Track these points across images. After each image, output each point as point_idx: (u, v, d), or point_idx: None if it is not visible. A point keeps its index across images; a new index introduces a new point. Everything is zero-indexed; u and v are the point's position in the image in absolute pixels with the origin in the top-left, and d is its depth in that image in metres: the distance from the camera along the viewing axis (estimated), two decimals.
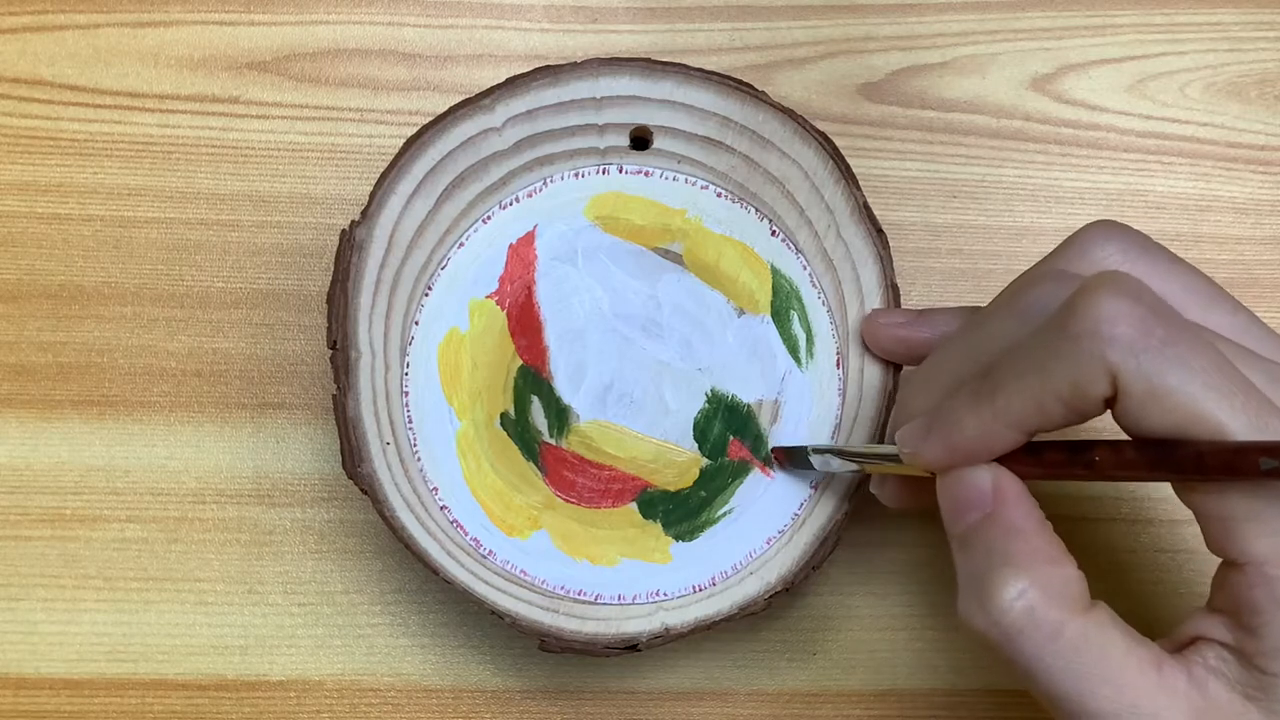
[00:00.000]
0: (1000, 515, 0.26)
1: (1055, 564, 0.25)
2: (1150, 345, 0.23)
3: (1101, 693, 0.24)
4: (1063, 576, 0.25)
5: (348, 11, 0.40)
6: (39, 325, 0.37)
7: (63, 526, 0.36)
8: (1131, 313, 0.23)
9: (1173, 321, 0.24)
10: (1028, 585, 0.24)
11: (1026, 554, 0.25)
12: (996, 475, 0.26)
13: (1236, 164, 0.40)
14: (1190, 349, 0.23)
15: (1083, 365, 0.23)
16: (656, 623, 0.32)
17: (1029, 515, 0.26)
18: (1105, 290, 0.24)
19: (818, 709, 0.36)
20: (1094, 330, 0.23)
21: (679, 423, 0.36)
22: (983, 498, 0.26)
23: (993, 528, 0.26)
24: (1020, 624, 0.24)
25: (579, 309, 0.36)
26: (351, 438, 0.31)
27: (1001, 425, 0.25)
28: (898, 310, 0.33)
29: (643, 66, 0.35)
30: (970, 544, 0.26)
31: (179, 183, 0.38)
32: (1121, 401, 0.23)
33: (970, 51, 0.41)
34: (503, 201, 0.36)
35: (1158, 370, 0.23)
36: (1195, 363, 0.23)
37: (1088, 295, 0.24)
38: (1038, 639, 0.24)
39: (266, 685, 0.35)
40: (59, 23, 0.39)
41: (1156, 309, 0.23)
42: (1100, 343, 0.23)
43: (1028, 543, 0.25)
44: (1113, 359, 0.23)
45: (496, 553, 0.33)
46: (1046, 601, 0.24)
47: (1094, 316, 0.23)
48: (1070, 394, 0.24)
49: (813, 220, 0.35)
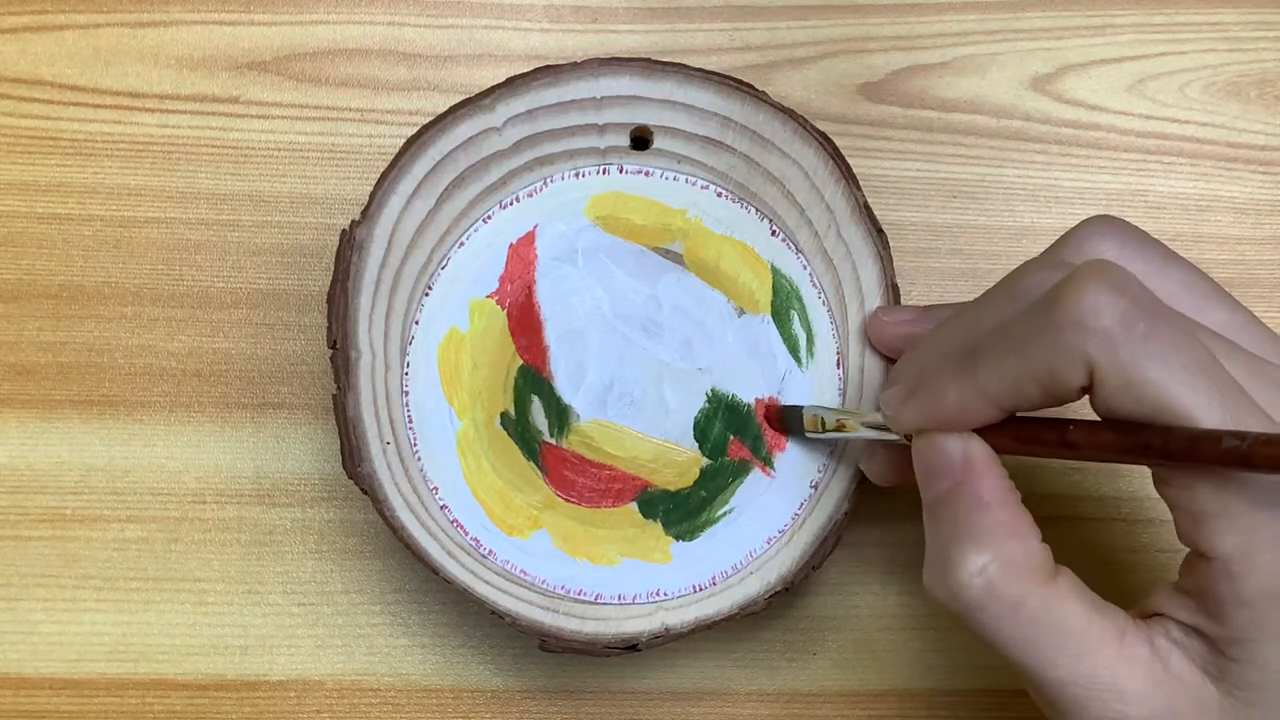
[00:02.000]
0: (968, 486, 0.26)
1: (1017, 537, 0.25)
2: (1130, 339, 0.23)
3: (1059, 661, 0.24)
4: (1025, 549, 0.25)
5: (348, 11, 0.40)
6: (39, 325, 0.37)
7: (63, 526, 0.36)
8: (1114, 305, 0.23)
9: (1156, 314, 0.24)
10: (989, 560, 0.25)
11: (989, 527, 0.25)
12: (968, 445, 0.27)
13: (1236, 164, 0.40)
14: (1170, 343, 0.23)
15: (1061, 353, 0.24)
16: (656, 623, 0.32)
17: (996, 487, 0.26)
18: (1090, 280, 0.24)
19: (818, 709, 0.36)
20: (1076, 320, 0.23)
21: (679, 422, 0.36)
22: (953, 466, 0.27)
23: (960, 498, 0.26)
24: (981, 599, 0.25)
25: (579, 309, 0.36)
26: (351, 438, 0.31)
27: (980, 399, 0.26)
28: (902, 307, 0.33)
29: (643, 66, 0.35)
30: (938, 513, 0.27)
31: (179, 183, 0.38)
32: (1097, 390, 0.24)
33: (970, 51, 0.41)
34: (503, 201, 0.36)
35: (1135, 363, 0.23)
36: (1174, 358, 0.23)
37: (1074, 284, 0.24)
38: (998, 613, 0.25)
39: (266, 685, 0.35)
40: (59, 23, 0.39)
41: (1140, 301, 0.24)
42: (1081, 333, 0.23)
43: (992, 515, 0.26)
44: (1090, 350, 0.23)
45: (496, 552, 0.33)
46: (1006, 576, 0.25)
47: (1077, 306, 0.24)
48: (1047, 379, 0.24)
49: (813, 220, 0.35)
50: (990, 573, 0.25)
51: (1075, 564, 0.26)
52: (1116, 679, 0.24)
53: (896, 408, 0.28)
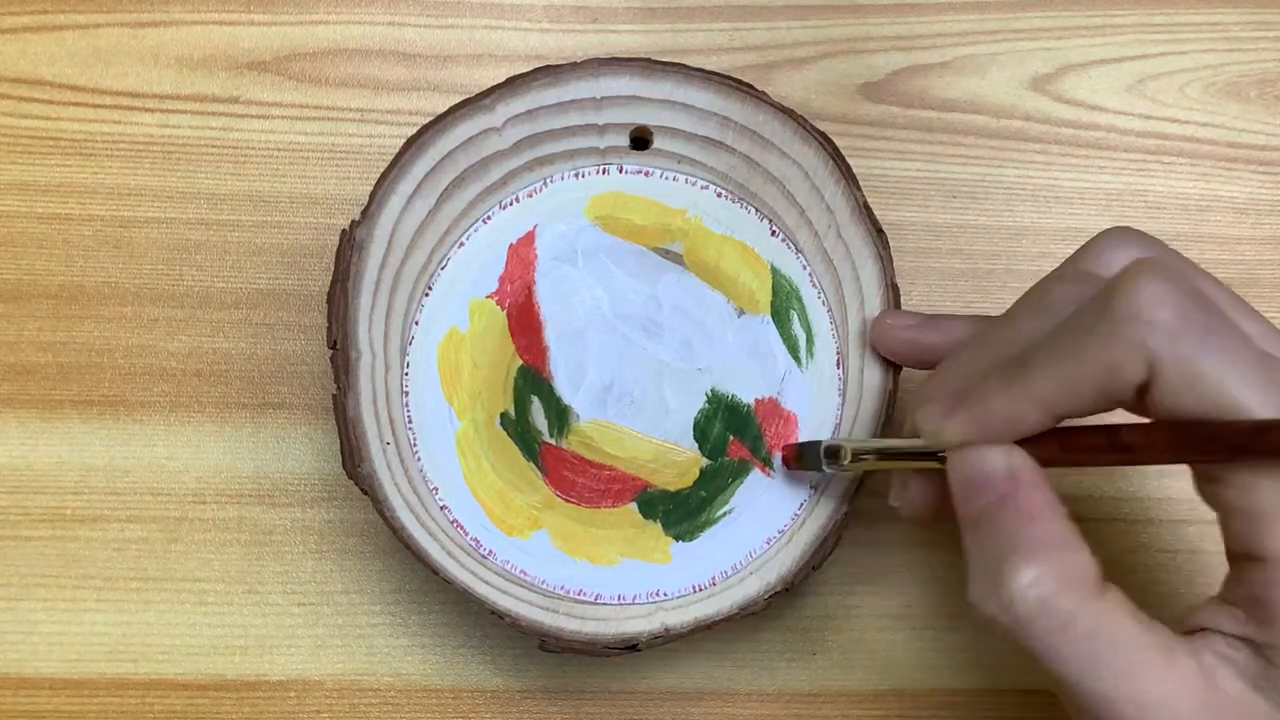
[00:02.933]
0: (1015, 499, 0.26)
1: (1069, 550, 0.25)
2: (1190, 332, 0.23)
3: (1109, 679, 0.24)
4: (1076, 563, 0.25)
5: (348, 11, 0.40)
6: (39, 325, 0.37)
7: (63, 526, 0.36)
8: (1173, 298, 0.23)
9: (1212, 309, 0.24)
10: (1042, 573, 0.24)
11: (1040, 540, 0.25)
12: (1011, 457, 0.26)
13: (1236, 164, 0.40)
14: (1229, 337, 0.23)
15: (1120, 348, 0.23)
16: (656, 623, 0.32)
17: (1045, 499, 0.26)
18: (1146, 274, 0.23)
19: (818, 709, 0.36)
20: (1135, 314, 0.23)
21: (679, 423, 0.36)
22: (998, 479, 0.26)
23: (1007, 512, 0.26)
24: (1033, 613, 0.24)
25: (579, 309, 0.36)
26: (351, 438, 0.31)
27: (1031, 405, 0.25)
28: (907, 312, 0.33)
29: (643, 66, 0.35)
30: (983, 528, 0.26)
31: (179, 183, 0.38)
32: (1156, 386, 0.23)
33: (970, 51, 0.41)
34: (503, 201, 0.36)
35: (1195, 357, 0.23)
36: (1234, 353, 0.23)
37: (1130, 279, 0.24)
38: (1050, 627, 0.24)
39: (266, 685, 0.35)
40: (59, 23, 0.39)
41: (1197, 296, 0.23)
42: (1140, 327, 0.23)
43: (1042, 528, 0.25)
44: (1151, 344, 0.23)
45: (496, 553, 0.33)
46: (1059, 590, 0.24)
47: (1136, 300, 0.23)
48: (1104, 377, 0.24)
49: (813, 220, 0.35)
50: (1044, 586, 0.24)
51: None
52: (1165, 697, 0.24)
53: (938, 422, 0.27)
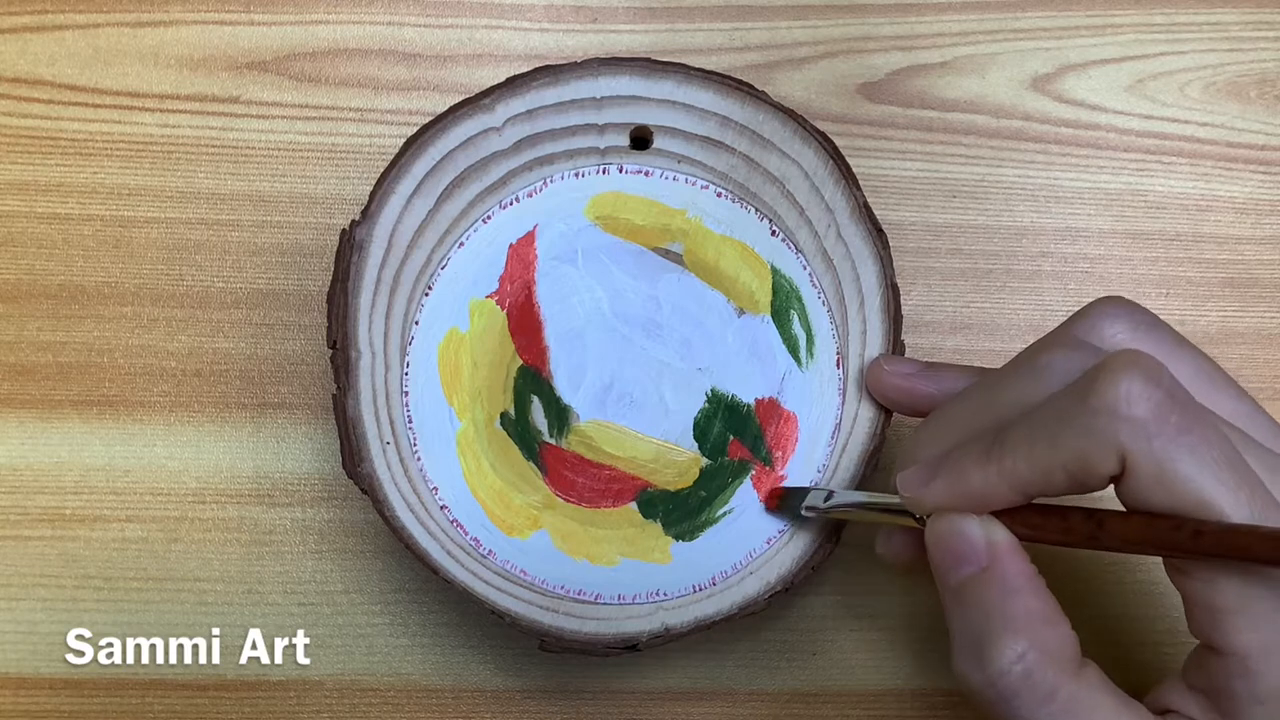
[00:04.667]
0: (996, 572, 0.26)
1: (1051, 625, 0.26)
2: (1165, 430, 0.23)
3: None
4: (1059, 637, 0.26)
5: (348, 11, 0.40)
6: (39, 325, 0.37)
7: (63, 526, 0.36)
8: (1150, 395, 0.23)
9: (1188, 408, 0.24)
10: (1026, 648, 0.25)
11: (1024, 615, 0.26)
12: (990, 530, 0.27)
13: (1236, 164, 0.40)
14: (1203, 438, 0.23)
15: (1094, 441, 0.24)
16: (656, 623, 0.32)
17: (1023, 572, 0.26)
18: (1125, 369, 0.24)
19: (818, 709, 0.36)
20: (1112, 408, 0.24)
21: (679, 423, 0.36)
22: (977, 552, 0.27)
23: (989, 585, 0.26)
24: (1017, 686, 0.25)
25: (579, 309, 0.36)
26: (351, 438, 0.31)
27: (1005, 485, 0.26)
28: (905, 360, 0.33)
29: (643, 66, 0.35)
30: (964, 599, 0.27)
31: (179, 183, 0.38)
32: (1128, 481, 0.24)
33: (970, 51, 0.41)
34: (503, 201, 0.36)
35: (1169, 456, 0.23)
36: (1207, 453, 0.23)
37: (1109, 372, 0.24)
38: (1033, 701, 0.25)
39: (266, 685, 0.35)
40: (59, 23, 0.39)
41: (1174, 394, 0.24)
42: (1116, 421, 0.24)
43: (1024, 602, 0.26)
44: (1125, 439, 0.23)
45: (496, 553, 0.33)
46: (1043, 664, 0.25)
47: (1113, 394, 0.24)
48: (1077, 466, 0.24)
49: (813, 220, 0.35)
50: (1028, 661, 0.25)
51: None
52: None
53: (916, 490, 0.28)
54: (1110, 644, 0.35)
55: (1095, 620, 0.35)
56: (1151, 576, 0.36)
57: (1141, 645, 0.36)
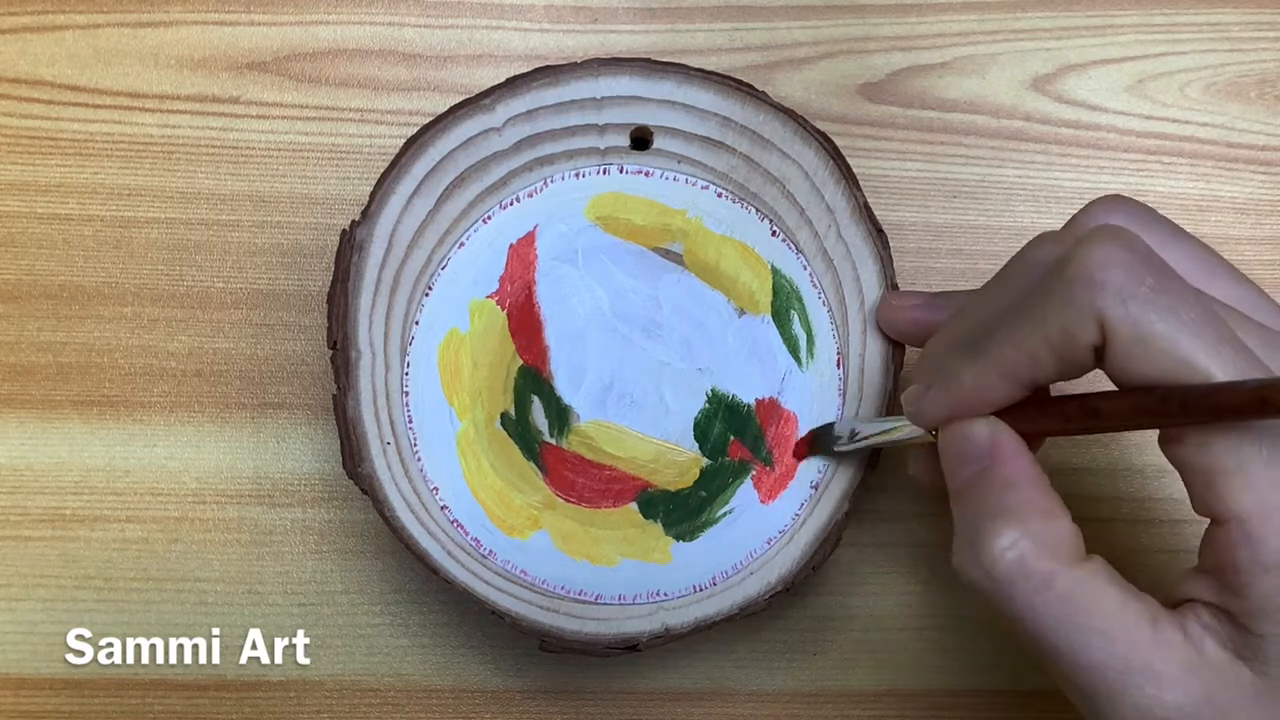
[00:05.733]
0: (996, 468, 0.26)
1: (1048, 516, 0.25)
2: (1139, 292, 0.23)
3: (1094, 644, 0.24)
4: (1055, 529, 0.25)
5: (348, 11, 0.40)
6: (39, 325, 0.37)
7: (63, 526, 0.36)
8: (1123, 260, 0.23)
9: (1164, 272, 0.24)
10: (1019, 536, 0.24)
11: (1019, 505, 0.25)
12: (994, 429, 0.27)
13: (1236, 164, 0.40)
14: (1180, 299, 0.23)
15: (1072, 311, 0.24)
16: (656, 623, 0.32)
17: (1025, 468, 0.26)
18: (1099, 239, 0.24)
19: (818, 709, 0.36)
20: (1085, 276, 0.23)
21: (679, 423, 0.36)
22: (980, 451, 0.27)
23: (988, 480, 0.26)
24: (1011, 574, 0.24)
25: (579, 309, 0.36)
26: (351, 438, 0.31)
27: (995, 375, 0.26)
28: (913, 292, 0.33)
29: (643, 66, 0.35)
30: (966, 496, 0.26)
31: (179, 183, 0.38)
32: (1109, 348, 0.24)
33: (970, 51, 0.41)
34: (503, 201, 0.36)
35: (1146, 317, 0.23)
36: (1184, 313, 0.23)
37: (1083, 244, 0.24)
38: (1028, 589, 0.24)
39: (266, 685, 0.35)
40: (59, 23, 0.39)
41: (1148, 259, 0.24)
42: (1091, 288, 0.23)
43: (1021, 494, 0.26)
44: (1101, 305, 0.23)
45: (497, 553, 0.33)
46: (1037, 552, 0.24)
47: (1086, 263, 0.24)
48: (1060, 340, 0.24)
49: (813, 220, 0.35)
50: (1021, 547, 0.24)
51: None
52: (1151, 663, 0.24)
53: (916, 403, 0.28)
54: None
55: None
56: None
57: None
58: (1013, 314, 0.25)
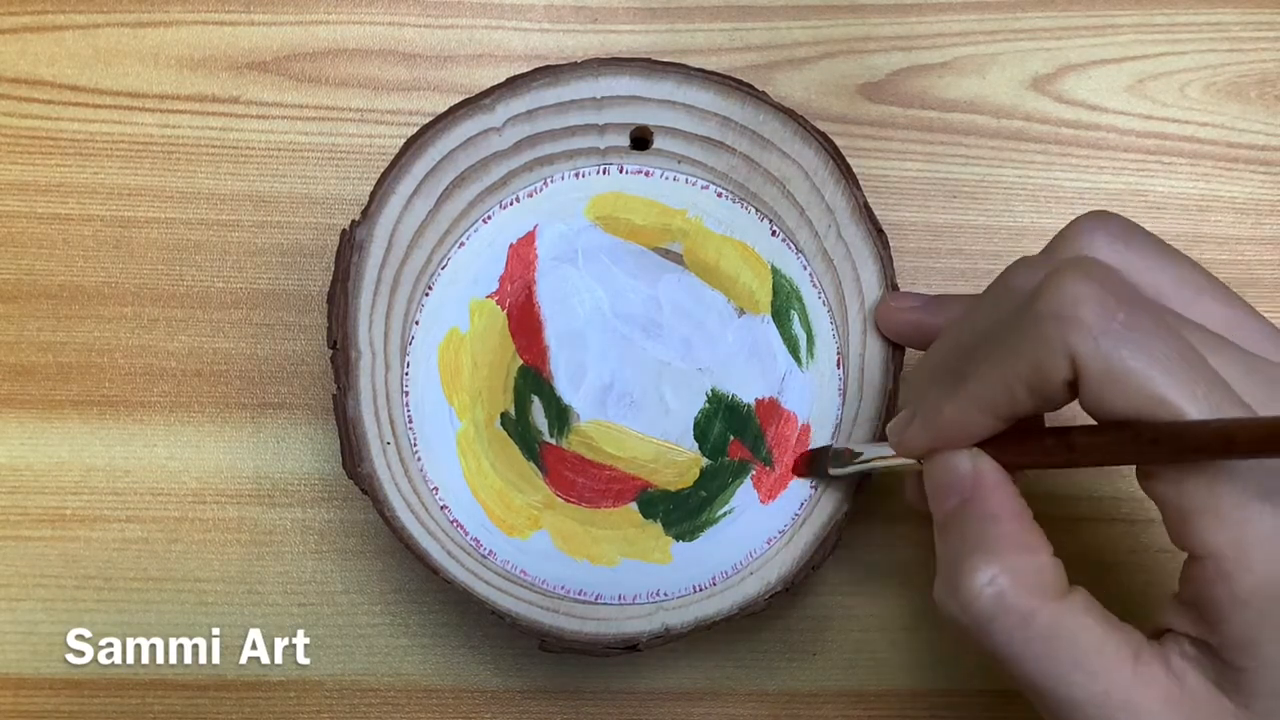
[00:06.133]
0: (977, 501, 0.26)
1: (1028, 551, 0.25)
2: (1111, 328, 0.23)
3: (1074, 679, 0.24)
4: (1035, 564, 0.25)
5: (348, 11, 0.40)
6: (39, 325, 0.37)
7: (63, 526, 0.36)
8: (1093, 295, 0.23)
9: (1136, 305, 0.23)
10: (998, 572, 0.24)
11: (999, 540, 0.25)
12: (976, 461, 0.27)
13: (1236, 164, 0.40)
14: (1152, 334, 0.23)
15: (1043, 347, 0.24)
16: (656, 623, 0.32)
17: (1006, 502, 0.26)
18: (1070, 273, 0.24)
19: (818, 709, 0.36)
20: (1056, 312, 0.23)
21: (679, 423, 0.36)
22: (962, 482, 0.26)
23: (969, 513, 0.26)
24: (990, 611, 0.24)
25: (579, 309, 0.36)
26: (351, 438, 0.31)
27: (975, 410, 0.26)
28: (911, 294, 0.33)
29: (643, 66, 0.35)
30: (948, 529, 0.26)
31: (179, 183, 0.38)
32: (1082, 384, 0.23)
33: (970, 51, 0.41)
34: (503, 201, 0.36)
35: (1117, 354, 0.23)
36: (1156, 348, 0.23)
37: (1054, 278, 0.24)
38: (1007, 626, 0.24)
39: (266, 685, 0.35)
40: (59, 23, 0.39)
41: (1118, 293, 0.23)
42: (1060, 325, 0.23)
43: (1001, 529, 0.25)
44: (1072, 341, 0.23)
45: (497, 553, 0.33)
46: (1016, 588, 0.24)
47: (1056, 299, 0.23)
48: (1032, 376, 0.24)
49: (813, 220, 0.35)
50: (1000, 583, 0.24)
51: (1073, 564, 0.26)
52: (1131, 698, 0.24)
53: (900, 434, 0.28)
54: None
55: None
56: None
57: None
58: (988, 347, 0.25)
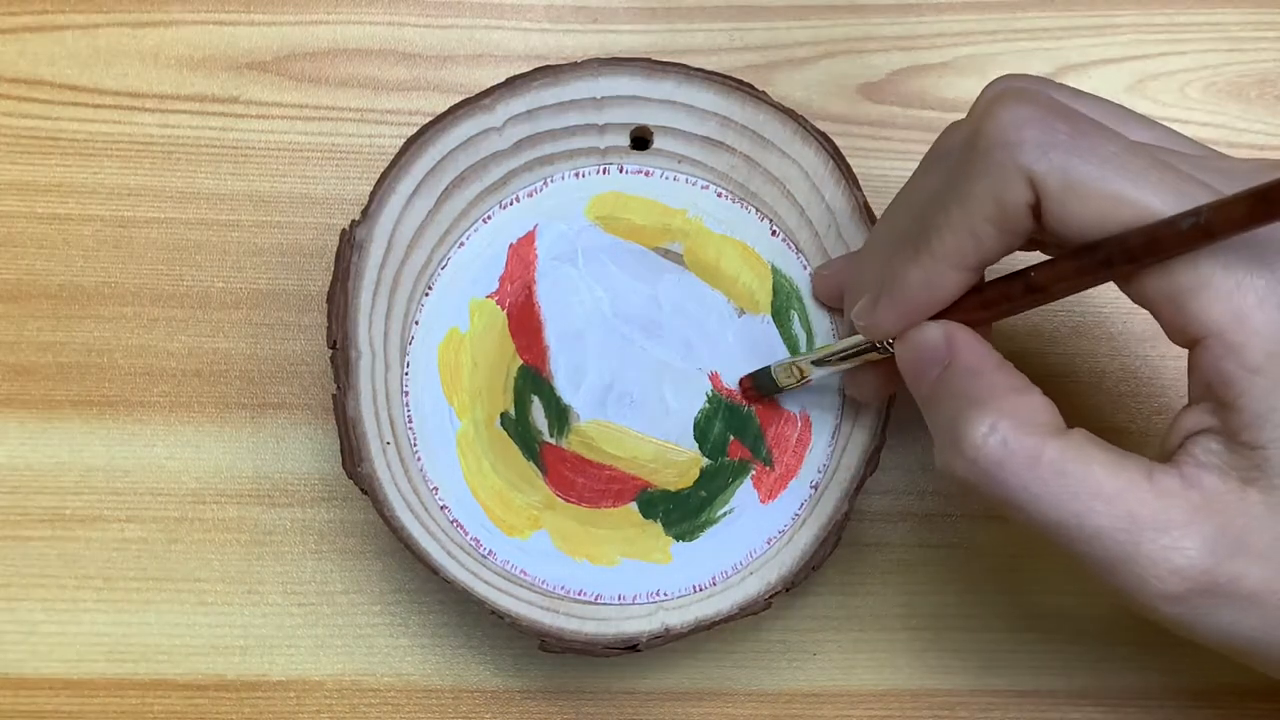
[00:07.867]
0: (957, 362, 0.26)
1: (1020, 393, 0.25)
2: (1057, 140, 0.23)
3: (1094, 508, 0.23)
4: (1030, 405, 0.25)
5: (348, 11, 0.40)
6: (39, 325, 0.37)
7: (63, 526, 0.36)
8: (1034, 115, 0.23)
9: (1075, 117, 0.23)
10: (996, 418, 0.24)
11: (989, 390, 0.25)
12: (946, 328, 0.26)
13: None
14: (1098, 138, 0.23)
15: (999, 177, 0.23)
16: (656, 623, 0.32)
17: (986, 355, 0.26)
18: (1003, 101, 0.24)
19: (818, 709, 0.36)
20: (1001, 140, 0.23)
21: (679, 422, 0.36)
22: (938, 352, 0.26)
23: (953, 376, 0.26)
24: (997, 457, 0.24)
25: (579, 309, 0.36)
26: (351, 438, 0.31)
27: (945, 266, 0.25)
28: (835, 259, 0.34)
29: (643, 66, 0.35)
30: (935, 399, 0.26)
31: (179, 183, 0.38)
32: (1044, 202, 0.23)
33: (970, 51, 0.41)
34: (503, 201, 0.36)
35: (1069, 163, 0.23)
36: (1106, 149, 0.23)
37: (988, 110, 0.24)
38: (1017, 468, 0.24)
39: (266, 685, 0.35)
40: (59, 23, 0.39)
41: (1055, 108, 0.23)
42: (1010, 150, 0.23)
43: (988, 379, 0.25)
44: (1024, 161, 0.23)
45: (496, 553, 0.33)
46: (1018, 430, 0.24)
47: (998, 127, 0.23)
48: (995, 210, 0.24)
49: (813, 220, 0.35)
50: (1001, 429, 0.24)
51: None
52: (1157, 515, 0.23)
53: (869, 316, 0.28)
54: None
55: None
56: None
57: None
58: (941, 201, 0.25)
